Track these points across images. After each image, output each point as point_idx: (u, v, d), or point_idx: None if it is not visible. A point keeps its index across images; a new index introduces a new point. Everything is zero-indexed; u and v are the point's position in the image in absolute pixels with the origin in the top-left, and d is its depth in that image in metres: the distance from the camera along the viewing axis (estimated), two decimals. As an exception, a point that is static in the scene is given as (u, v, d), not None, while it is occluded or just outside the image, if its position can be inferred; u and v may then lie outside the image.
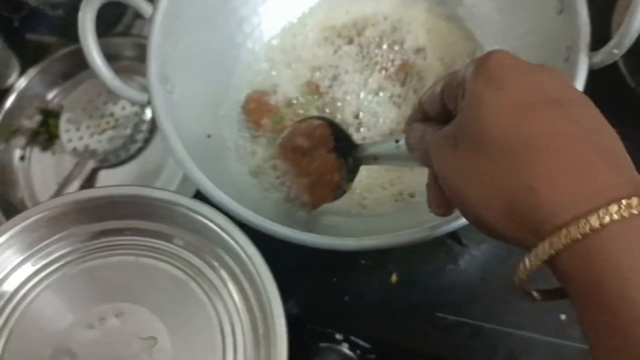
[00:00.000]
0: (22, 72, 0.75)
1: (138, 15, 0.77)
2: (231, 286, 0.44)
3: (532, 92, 0.28)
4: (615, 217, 0.24)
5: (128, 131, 0.71)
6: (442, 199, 0.34)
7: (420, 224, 0.40)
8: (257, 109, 0.53)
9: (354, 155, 0.46)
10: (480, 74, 0.29)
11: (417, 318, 0.53)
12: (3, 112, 0.74)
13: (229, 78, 0.55)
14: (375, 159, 0.44)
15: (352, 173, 0.47)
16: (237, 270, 0.44)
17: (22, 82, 0.75)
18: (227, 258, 0.44)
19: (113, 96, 0.72)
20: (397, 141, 0.39)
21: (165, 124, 0.44)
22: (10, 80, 0.75)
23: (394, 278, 0.54)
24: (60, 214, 0.45)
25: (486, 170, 0.27)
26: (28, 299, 0.44)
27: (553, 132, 0.26)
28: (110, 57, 0.74)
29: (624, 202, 0.24)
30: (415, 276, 0.54)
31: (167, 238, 0.46)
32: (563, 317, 0.51)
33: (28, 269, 0.46)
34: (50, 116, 0.75)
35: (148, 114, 0.71)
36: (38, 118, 0.75)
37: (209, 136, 0.50)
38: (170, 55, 0.48)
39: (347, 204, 0.51)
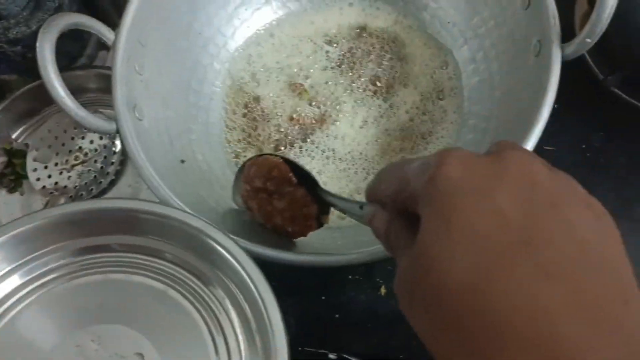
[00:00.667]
0: (-17, 113, 0.73)
1: (101, 46, 0.76)
2: (227, 304, 0.42)
3: (491, 225, 0.22)
4: None
5: (98, 165, 0.69)
6: None
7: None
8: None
9: (320, 195, 0.44)
10: (430, 199, 0.24)
11: (409, 330, 0.51)
12: (-34, 156, 0.72)
13: (199, 100, 0.54)
14: (339, 209, 0.42)
15: (327, 206, 0.45)
16: (234, 287, 0.43)
17: (-16, 124, 0.73)
18: (222, 274, 0.43)
19: (80, 131, 0.71)
20: (360, 207, 0.36)
21: (135, 151, 0.43)
22: (-28, 123, 0.73)
23: (382, 291, 0.53)
24: (49, 226, 0.43)
25: (444, 347, 0.24)
26: (12, 313, 0.42)
27: (525, 307, 0.21)
28: (75, 91, 0.72)
29: None
30: (404, 287, 0.53)
31: (159, 254, 0.44)
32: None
33: (15, 281, 0.44)
34: (15, 156, 0.73)
35: (118, 145, 0.69)
36: (3, 159, 0.73)
37: (182, 161, 0.48)
38: (137, 81, 0.47)
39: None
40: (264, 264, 0.50)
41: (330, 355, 0.53)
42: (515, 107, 0.44)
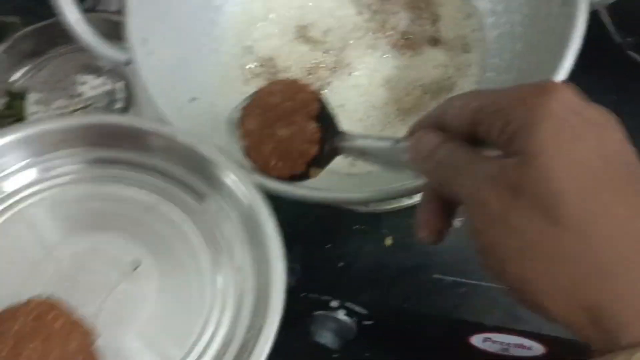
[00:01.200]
0: (-18, 54, 0.72)
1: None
2: (228, 220, 0.43)
3: (613, 157, 0.25)
4: None
5: (99, 111, 0.68)
6: (437, 223, 0.32)
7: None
8: None
9: (335, 142, 0.42)
10: (547, 119, 0.24)
11: (414, 281, 0.52)
12: (-35, 96, 0.71)
13: (209, 43, 0.53)
14: (361, 153, 0.40)
15: (325, 160, 0.43)
16: (232, 202, 0.43)
17: (-18, 65, 0.71)
18: (224, 193, 0.43)
19: (82, 76, 0.70)
20: (397, 141, 0.34)
21: (146, 81, 0.42)
22: (-30, 64, 0.71)
23: (388, 242, 0.53)
24: (68, 131, 0.44)
25: (561, 254, 0.24)
26: (25, 203, 0.43)
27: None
28: None
29: None
30: (410, 239, 0.53)
31: (163, 171, 0.45)
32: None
33: (32, 174, 0.45)
34: (15, 98, 0.71)
35: (119, 92, 0.68)
36: (3, 100, 0.71)
37: (193, 99, 0.48)
38: (149, 14, 0.46)
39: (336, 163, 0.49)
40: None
41: (333, 303, 0.53)
42: (536, 59, 0.44)
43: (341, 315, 0.54)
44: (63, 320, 0.39)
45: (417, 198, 0.53)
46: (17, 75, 0.73)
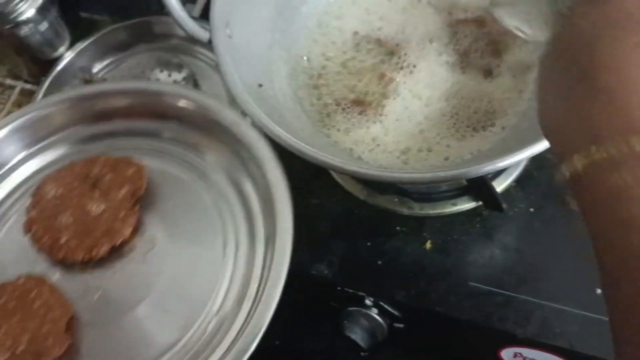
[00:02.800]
0: (72, 45, 0.78)
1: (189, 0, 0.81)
2: (239, 187, 0.44)
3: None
4: None
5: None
6: None
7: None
8: None
9: None
10: None
11: (450, 286, 0.53)
12: (49, 80, 0.77)
13: (282, 39, 0.57)
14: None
15: None
16: (243, 166, 0.44)
17: (70, 54, 0.78)
18: (233, 155, 0.45)
19: (157, 73, 0.75)
20: None
21: (223, 58, 0.46)
22: (60, 51, 0.78)
23: (428, 245, 0.54)
24: (58, 113, 0.48)
25: (580, 105, 0.26)
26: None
27: None
28: (160, 35, 0.78)
29: None
30: (450, 245, 0.54)
31: (169, 136, 0.47)
32: (599, 291, 0.50)
33: (32, 166, 0.48)
34: (94, 87, 0.77)
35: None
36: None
37: (260, 85, 0.51)
38: (233, 4, 0.50)
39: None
40: (316, 204, 0.52)
41: (367, 300, 0.54)
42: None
43: (374, 313, 0.55)
44: (44, 300, 0.41)
45: (459, 206, 0.55)
46: (99, 67, 0.79)
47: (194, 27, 0.48)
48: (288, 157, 0.45)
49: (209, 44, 0.48)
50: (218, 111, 0.45)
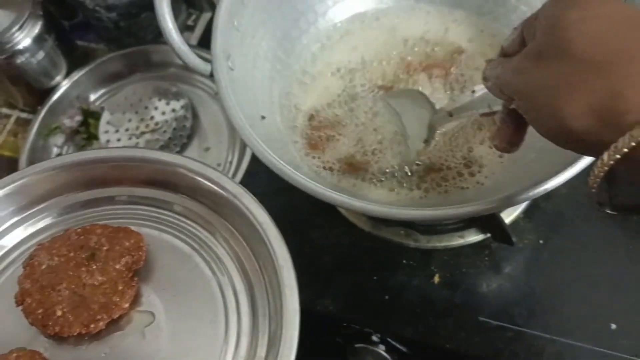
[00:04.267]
0: (68, 73, 0.77)
1: (186, 28, 0.80)
2: (237, 259, 0.43)
3: (621, 12, 0.28)
4: None
5: (167, 135, 0.72)
6: (511, 133, 0.35)
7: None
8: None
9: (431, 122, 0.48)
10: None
11: (459, 321, 0.51)
12: (45, 109, 0.76)
13: (283, 69, 0.56)
14: (449, 115, 0.46)
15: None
16: (245, 242, 0.43)
17: (66, 83, 0.77)
18: (234, 229, 0.43)
19: (155, 101, 0.74)
20: (472, 91, 0.41)
21: (226, 91, 0.45)
22: (56, 80, 0.77)
23: (436, 279, 0.53)
24: (52, 178, 0.46)
25: (573, 76, 0.28)
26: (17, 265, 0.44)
27: None
28: (158, 63, 0.77)
29: None
30: (458, 278, 0.53)
31: (169, 206, 0.45)
32: (613, 326, 0.49)
33: (21, 232, 0.46)
34: (91, 117, 0.76)
35: (189, 119, 0.72)
36: (79, 118, 0.76)
37: (263, 117, 0.50)
38: (233, 35, 0.50)
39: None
40: (320, 237, 0.50)
41: (374, 337, 0.53)
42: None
43: (381, 350, 0.53)
44: None
45: (466, 239, 0.54)
46: (95, 95, 0.78)
47: (195, 61, 0.47)
48: (291, 189, 0.44)
49: (210, 77, 0.47)
50: (226, 189, 0.42)
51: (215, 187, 0.43)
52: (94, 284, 0.41)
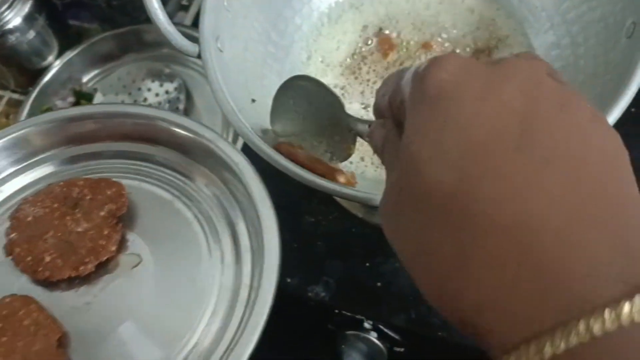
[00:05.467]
0: (60, 54, 0.76)
1: (180, 7, 0.78)
2: (217, 202, 0.44)
3: (485, 126, 0.21)
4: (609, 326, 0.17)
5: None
6: None
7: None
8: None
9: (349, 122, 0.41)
10: (417, 101, 0.23)
11: (452, 309, 0.50)
12: (37, 90, 0.74)
13: (277, 51, 0.54)
14: (360, 135, 0.39)
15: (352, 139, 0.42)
16: (224, 185, 0.44)
17: (58, 64, 0.75)
18: (212, 174, 0.44)
19: (148, 83, 0.72)
20: (369, 125, 0.34)
21: (213, 74, 0.44)
22: (48, 61, 0.75)
23: (429, 266, 0.52)
24: (37, 136, 0.47)
25: (428, 245, 0.22)
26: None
27: (514, 195, 0.20)
28: (150, 43, 0.76)
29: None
30: (452, 266, 0.52)
31: (150, 158, 0.47)
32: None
33: (7, 188, 0.48)
34: (83, 98, 0.75)
35: (182, 100, 0.71)
36: (71, 99, 0.75)
37: (253, 101, 0.49)
38: (223, 16, 0.48)
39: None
40: (311, 225, 0.49)
41: (366, 324, 0.52)
42: (597, 90, 0.44)
43: (373, 337, 0.53)
44: (32, 318, 0.40)
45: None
46: (88, 76, 0.77)
47: (182, 42, 0.45)
48: (282, 174, 0.43)
49: (198, 57, 0.46)
50: (201, 135, 0.44)
51: (192, 135, 0.44)
52: (80, 230, 0.42)
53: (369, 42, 0.57)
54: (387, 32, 0.57)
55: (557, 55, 0.50)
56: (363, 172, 0.51)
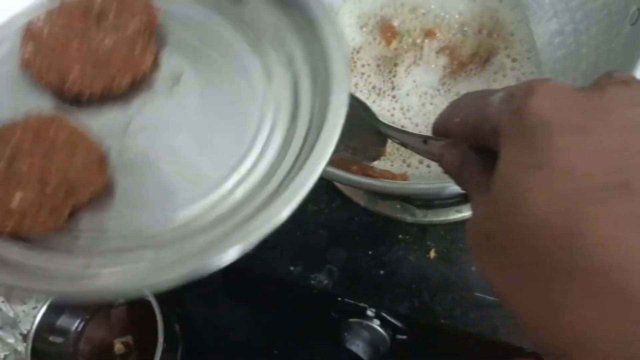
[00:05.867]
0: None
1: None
2: (274, 30, 0.36)
3: (588, 166, 0.21)
4: None
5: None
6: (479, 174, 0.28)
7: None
8: None
9: (381, 128, 0.41)
10: (515, 130, 0.23)
11: (454, 297, 0.51)
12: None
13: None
14: (401, 143, 0.40)
15: (382, 141, 0.43)
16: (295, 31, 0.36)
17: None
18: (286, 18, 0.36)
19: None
20: (424, 141, 0.34)
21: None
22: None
23: (432, 254, 0.52)
24: None
25: (527, 280, 0.22)
26: None
27: (612, 256, 0.19)
28: None
29: None
30: (455, 254, 0.52)
31: None
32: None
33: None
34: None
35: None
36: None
37: None
38: None
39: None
40: (314, 212, 0.49)
41: (369, 311, 0.53)
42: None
43: (376, 324, 0.53)
44: (65, 137, 0.34)
45: (464, 213, 0.53)
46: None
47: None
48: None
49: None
50: None
51: None
52: (108, 45, 0.35)
53: (368, 34, 0.57)
54: (389, 20, 0.57)
55: (560, 43, 0.49)
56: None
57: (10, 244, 0.31)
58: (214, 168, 0.32)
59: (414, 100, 0.54)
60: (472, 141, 0.27)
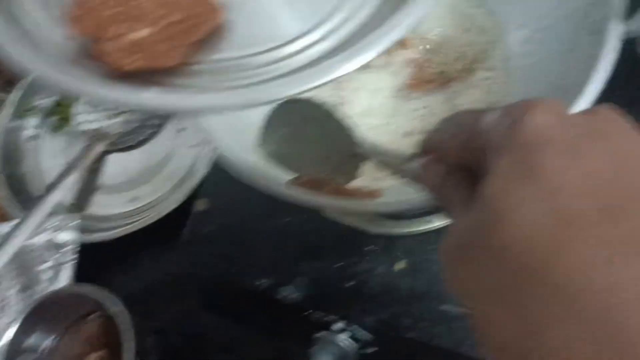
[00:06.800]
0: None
1: None
2: None
3: (579, 187, 0.20)
4: None
5: (144, 116, 0.71)
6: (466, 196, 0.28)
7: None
8: None
9: (357, 149, 0.40)
10: (506, 146, 0.23)
11: (423, 309, 0.50)
12: (21, 89, 0.75)
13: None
14: (380, 163, 0.39)
15: (358, 161, 0.41)
16: None
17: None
18: None
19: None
20: (408, 159, 0.33)
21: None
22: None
23: (401, 265, 0.52)
24: None
25: (499, 301, 0.21)
26: None
27: (596, 283, 0.19)
28: None
29: None
30: (423, 265, 0.51)
31: None
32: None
33: None
34: (66, 98, 0.75)
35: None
36: (54, 98, 0.75)
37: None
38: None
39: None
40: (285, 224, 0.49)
41: (337, 325, 0.52)
42: (563, 85, 0.43)
43: (344, 338, 0.52)
44: None
45: (434, 224, 0.52)
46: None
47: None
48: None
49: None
50: None
51: None
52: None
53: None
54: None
55: (528, 51, 0.49)
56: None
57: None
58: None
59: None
60: (459, 157, 0.27)
